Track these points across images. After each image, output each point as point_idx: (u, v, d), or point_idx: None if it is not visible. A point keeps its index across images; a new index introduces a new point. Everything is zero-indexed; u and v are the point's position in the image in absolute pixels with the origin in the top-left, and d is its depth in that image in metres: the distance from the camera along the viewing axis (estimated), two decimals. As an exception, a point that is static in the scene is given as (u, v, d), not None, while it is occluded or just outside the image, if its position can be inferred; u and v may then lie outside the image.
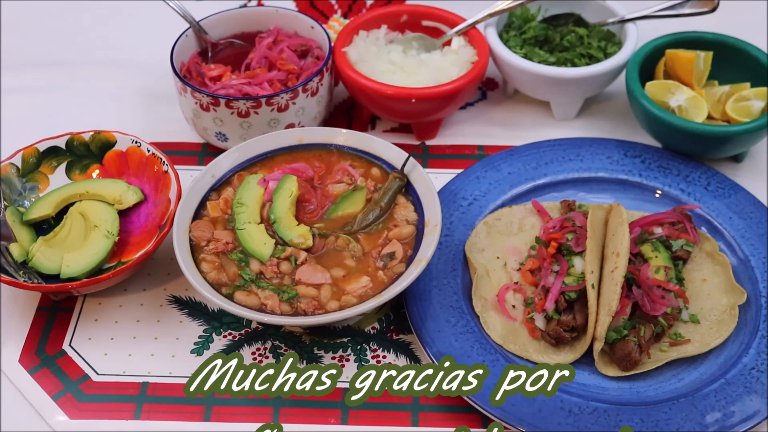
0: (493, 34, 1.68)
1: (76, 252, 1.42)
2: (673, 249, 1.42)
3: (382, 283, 1.33)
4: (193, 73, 1.64)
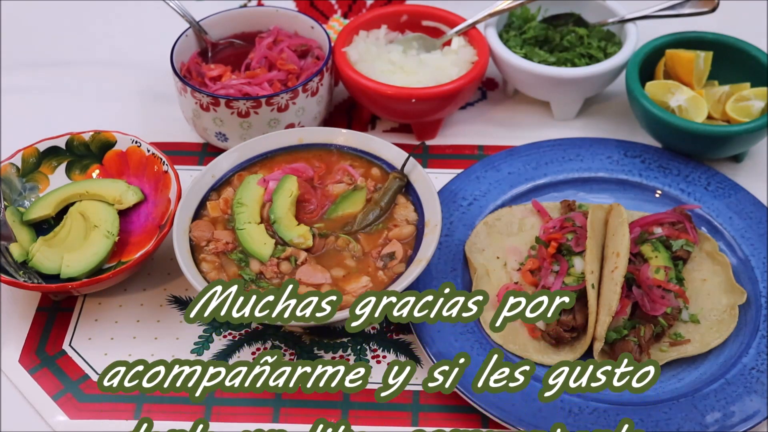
0: (493, 34, 1.68)
1: (76, 252, 1.42)
2: (673, 249, 1.42)
3: (382, 283, 1.33)
4: (193, 73, 1.64)
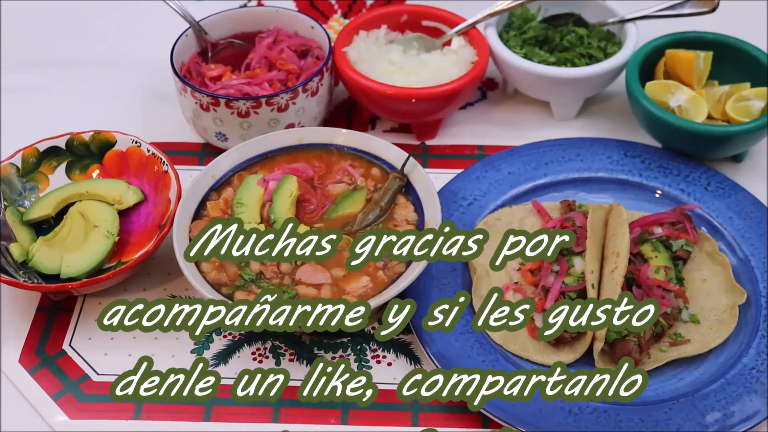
0: (493, 34, 1.68)
1: (76, 252, 1.42)
2: (673, 249, 1.42)
3: (382, 283, 1.33)
4: (193, 73, 1.64)
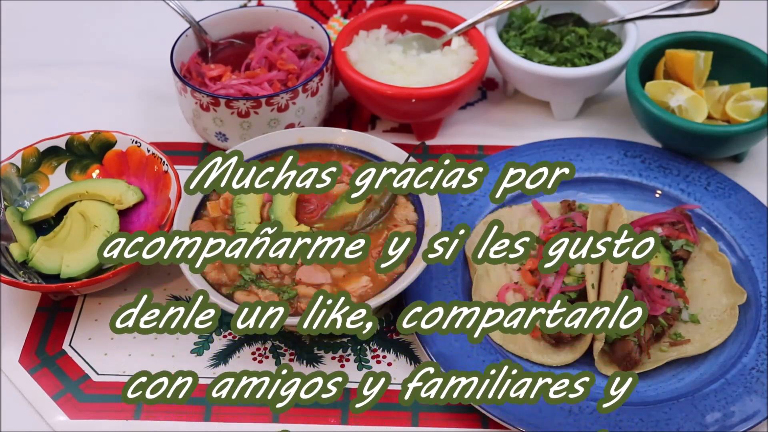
0: (493, 34, 1.68)
1: (76, 252, 1.42)
2: (673, 249, 1.42)
3: (382, 283, 1.33)
4: (193, 73, 1.64)
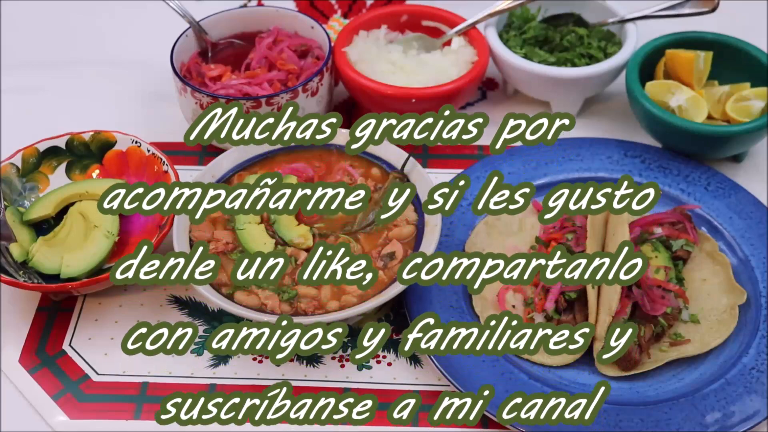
0: (493, 34, 1.68)
1: (76, 252, 1.42)
2: (673, 249, 1.42)
3: (382, 283, 1.33)
4: (193, 73, 1.64)
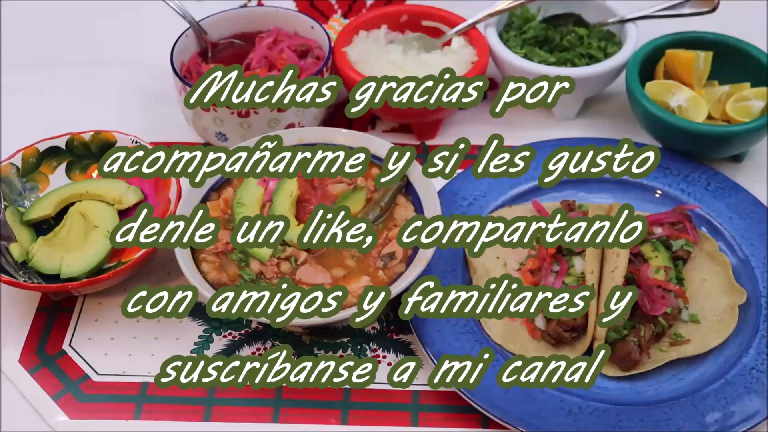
0: (493, 34, 1.68)
1: (76, 252, 1.42)
2: (673, 249, 1.42)
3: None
4: (193, 73, 1.64)
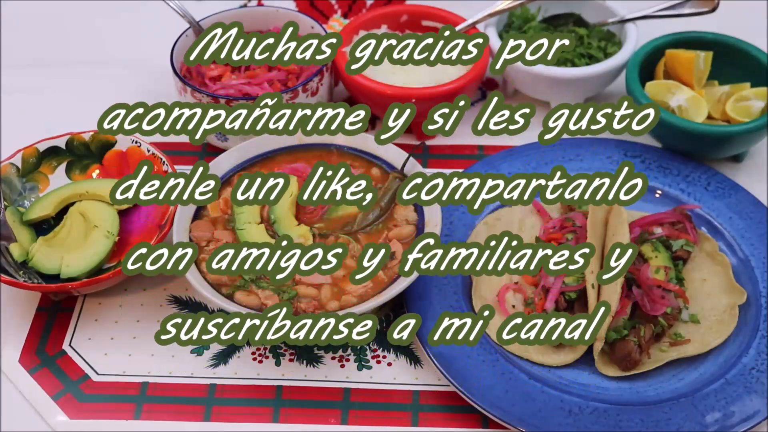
0: (493, 34, 1.68)
1: (76, 252, 1.42)
2: (673, 249, 1.42)
3: (383, 283, 1.33)
4: (193, 73, 1.64)
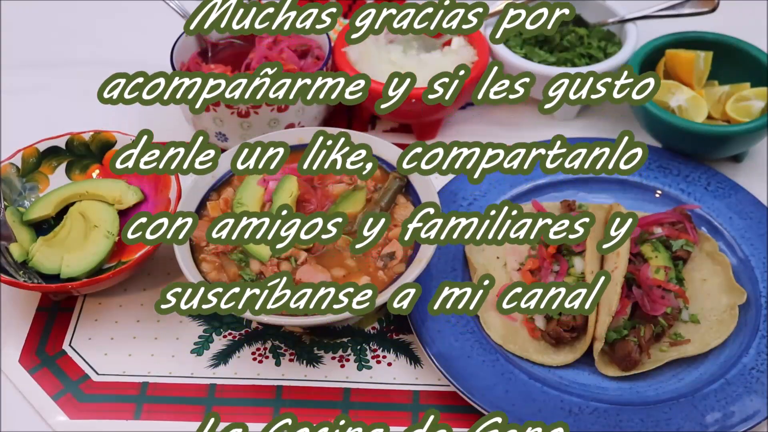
0: (493, 34, 1.68)
1: (76, 252, 1.42)
2: (673, 249, 1.42)
3: (383, 283, 1.33)
4: (193, 73, 1.64)
